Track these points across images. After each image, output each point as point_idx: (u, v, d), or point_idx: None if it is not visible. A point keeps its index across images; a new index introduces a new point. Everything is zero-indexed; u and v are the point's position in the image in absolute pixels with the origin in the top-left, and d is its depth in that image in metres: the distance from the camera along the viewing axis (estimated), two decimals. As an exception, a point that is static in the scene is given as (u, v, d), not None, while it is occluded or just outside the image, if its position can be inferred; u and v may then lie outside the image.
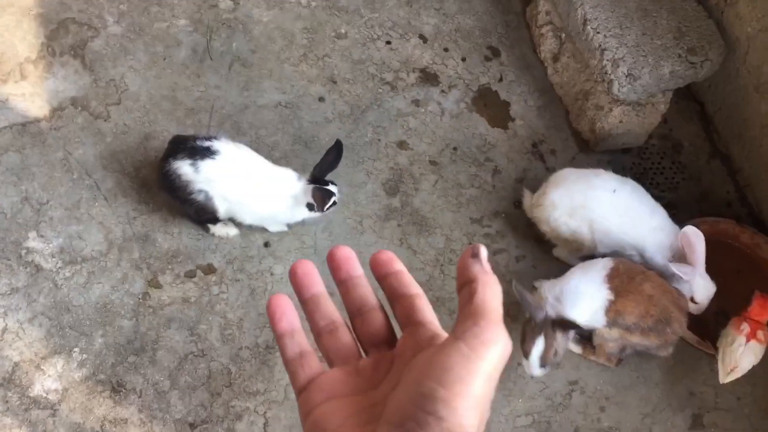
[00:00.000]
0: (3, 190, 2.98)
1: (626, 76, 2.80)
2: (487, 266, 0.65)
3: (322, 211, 2.80)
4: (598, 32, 2.85)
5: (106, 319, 2.80)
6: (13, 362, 2.70)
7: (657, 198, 2.84)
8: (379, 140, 3.24)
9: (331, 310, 0.78)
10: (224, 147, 2.76)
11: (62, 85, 3.24)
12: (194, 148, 2.75)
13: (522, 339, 2.53)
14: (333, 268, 0.79)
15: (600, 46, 2.84)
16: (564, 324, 2.36)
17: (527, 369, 2.55)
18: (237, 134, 3.18)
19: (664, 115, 3.15)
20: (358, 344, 0.75)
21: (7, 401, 2.64)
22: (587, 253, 2.85)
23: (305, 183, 2.78)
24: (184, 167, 2.74)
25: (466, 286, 0.64)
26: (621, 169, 3.20)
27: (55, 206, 2.98)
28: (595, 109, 3.14)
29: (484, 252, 0.67)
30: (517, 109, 3.37)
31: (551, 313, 2.42)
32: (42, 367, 2.71)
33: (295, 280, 0.79)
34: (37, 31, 3.32)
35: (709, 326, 2.81)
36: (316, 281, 0.79)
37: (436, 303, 2.92)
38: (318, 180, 2.78)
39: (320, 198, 2.74)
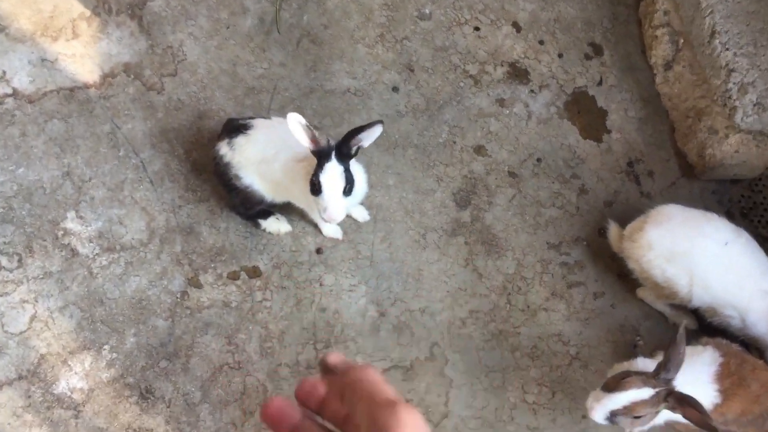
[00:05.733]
0: (45, 162, 2.76)
1: (754, 105, 2.38)
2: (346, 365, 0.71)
3: (314, 195, 2.23)
4: (728, 48, 2.41)
5: (141, 316, 2.59)
6: (40, 354, 2.53)
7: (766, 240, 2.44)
8: (455, 143, 2.89)
9: None
10: (259, 122, 2.48)
11: (116, 48, 2.97)
12: (235, 127, 2.49)
13: (614, 377, 2.10)
14: (272, 426, 0.76)
15: (727, 65, 2.40)
16: (682, 401, 1.97)
17: (591, 405, 2.08)
18: (298, 121, 2.87)
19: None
20: None
21: (29, 396, 2.48)
22: (678, 303, 2.48)
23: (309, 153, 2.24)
24: (223, 147, 2.48)
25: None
26: (727, 202, 2.78)
27: (97, 185, 2.76)
28: (707, 132, 2.70)
29: (333, 358, 0.73)
30: (615, 120, 2.95)
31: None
32: (69, 363, 2.53)
33: (268, 420, 0.76)
34: (93, -13, 3.05)
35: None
36: (290, 414, 0.76)
37: (499, 336, 2.61)
38: (337, 151, 2.20)
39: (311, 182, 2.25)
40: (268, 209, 2.68)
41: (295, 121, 2.17)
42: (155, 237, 2.69)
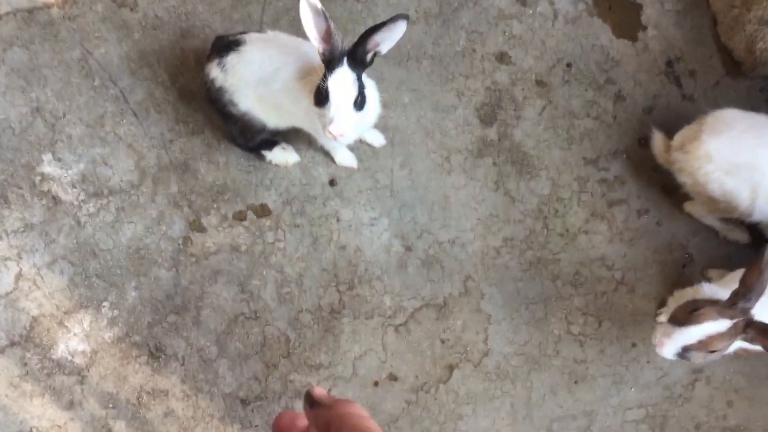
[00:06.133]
0: (9, 97, 2.40)
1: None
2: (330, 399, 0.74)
3: (318, 106, 1.92)
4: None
5: (141, 267, 2.32)
6: (31, 316, 2.27)
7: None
8: (474, 50, 2.56)
9: None
10: (253, 37, 2.15)
11: (76, -42, 2.55)
12: (224, 45, 2.15)
13: (682, 308, 1.90)
14: None
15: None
16: (764, 332, 1.77)
17: (659, 341, 1.88)
18: (296, 34, 2.52)
19: None
20: None
21: (26, 363, 2.24)
22: (736, 218, 2.26)
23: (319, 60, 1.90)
24: (213, 69, 2.14)
25: None
26: (776, 101, 2.53)
27: (73, 121, 2.41)
28: (757, 23, 2.41)
29: (318, 392, 0.76)
30: (651, 14, 2.64)
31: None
32: (66, 324, 2.27)
33: None
34: None
35: None
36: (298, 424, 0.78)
37: (537, 264, 2.39)
38: (350, 56, 1.87)
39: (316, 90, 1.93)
40: (272, 138, 2.38)
41: (307, 6, 1.84)
42: (147, 177, 2.38)
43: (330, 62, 1.88)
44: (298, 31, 2.55)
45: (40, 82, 2.44)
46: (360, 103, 1.94)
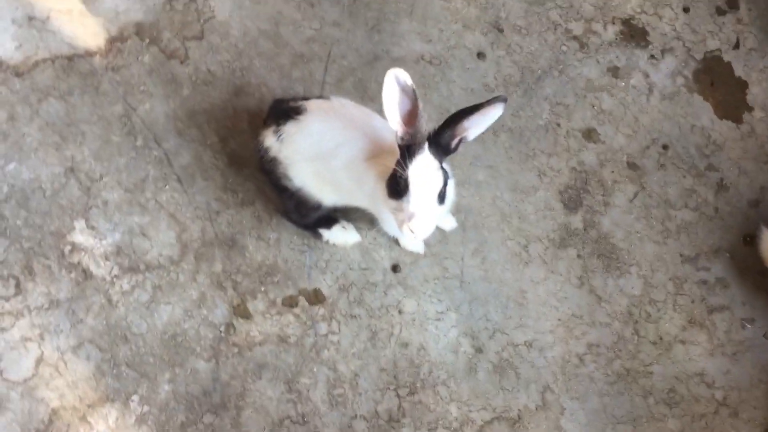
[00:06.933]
0: (41, 155, 2.17)
1: None
2: None
3: (394, 198, 1.63)
4: None
5: (176, 357, 2.05)
6: (51, 408, 2.00)
7: None
8: (559, 125, 2.30)
9: None
10: (314, 104, 1.87)
11: (124, 2, 2.32)
12: (283, 111, 1.89)
13: None
14: None
15: None
16: None
17: None
18: (361, 98, 2.27)
19: None
20: None
21: (42, 464, 1.97)
22: None
23: (396, 143, 1.64)
24: (269, 137, 1.89)
25: None
26: None
27: (111, 185, 2.17)
28: None
29: None
30: (758, 94, 2.37)
31: None
32: (89, 419, 2.00)
33: None
34: None
35: None
36: None
37: (626, 377, 2.09)
38: (432, 141, 1.60)
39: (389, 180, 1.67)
40: (331, 215, 2.11)
41: (395, 80, 1.57)
42: (188, 252, 2.12)
43: (409, 147, 1.61)
44: (364, 94, 2.31)
45: (77, 139, 2.20)
46: (443, 195, 1.68)
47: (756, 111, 2.34)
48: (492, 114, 1.61)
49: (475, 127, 1.63)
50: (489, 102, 1.58)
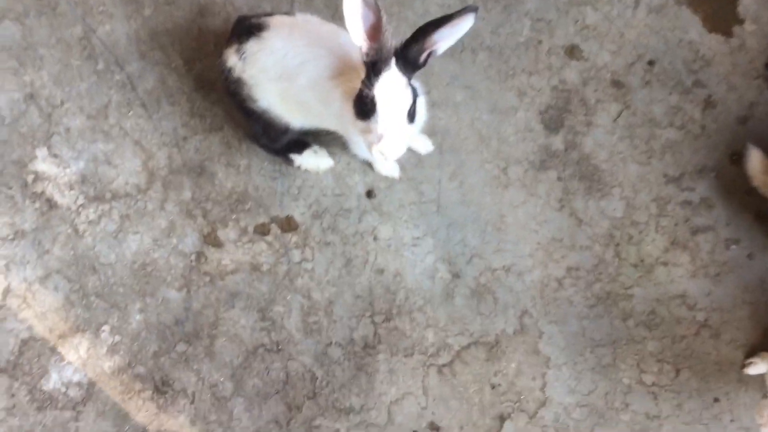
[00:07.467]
0: (-1, 81, 2.07)
1: None
2: None
3: (361, 119, 1.56)
4: None
5: (147, 287, 2.01)
6: (20, 339, 1.97)
7: None
8: (540, 42, 2.19)
9: None
10: (278, 20, 1.78)
11: None
12: (245, 28, 1.79)
13: None
14: None
15: None
16: None
17: None
18: (332, 16, 2.16)
19: None
20: None
21: (13, 394, 1.94)
22: None
23: (360, 57, 1.54)
24: (231, 57, 1.81)
25: None
26: None
27: (72, 111, 2.08)
28: None
29: None
30: (749, 5, 2.25)
31: None
32: (59, 350, 1.97)
33: None
34: None
35: None
36: None
37: (606, 300, 2.05)
38: (400, 56, 1.51)
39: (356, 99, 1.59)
40: (302, 139, 2.04)
41: None
42: (156, 180, 2.06)
43: (375, 64, 1.52)
44: (335, 12, 2.19)
45: (35, 63, 2.10)
46: (413, 113, 1.60)
47: (747, 23, 2.23)
48: (462, 25, 1.52)
49: (444, 39, 1.54)
50: (458, 13, 1.49)
